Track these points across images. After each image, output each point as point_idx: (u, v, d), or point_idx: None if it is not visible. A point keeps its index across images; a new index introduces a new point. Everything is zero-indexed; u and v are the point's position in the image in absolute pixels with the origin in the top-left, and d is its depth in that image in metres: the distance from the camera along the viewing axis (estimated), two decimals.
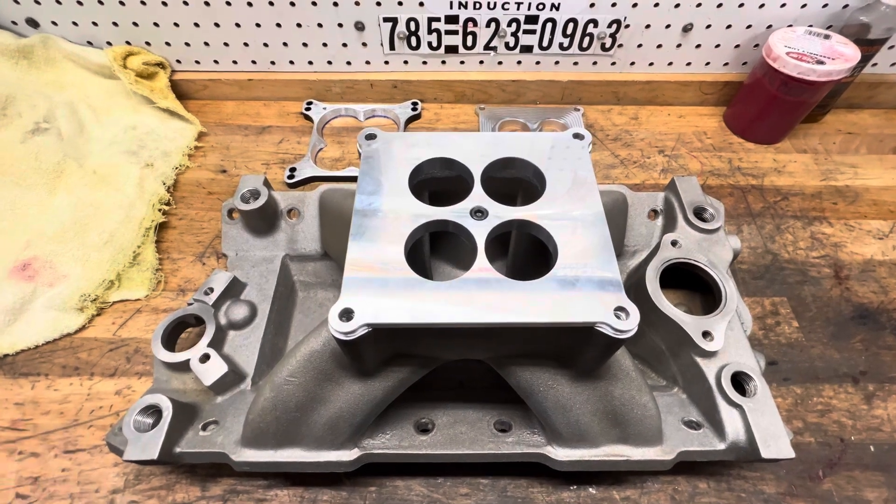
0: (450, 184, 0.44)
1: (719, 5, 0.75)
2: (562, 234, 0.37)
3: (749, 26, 0.78)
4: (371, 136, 0.43)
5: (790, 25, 0.76)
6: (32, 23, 0.77)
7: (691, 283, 0.56)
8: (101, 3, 0.75)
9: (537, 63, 0.84)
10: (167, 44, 0.81)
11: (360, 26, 0.78)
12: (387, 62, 0.83)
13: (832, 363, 0.59)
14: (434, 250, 0.57)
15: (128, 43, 0.80)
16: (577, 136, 0.43)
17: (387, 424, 0.46)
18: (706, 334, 0.47)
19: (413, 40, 0.80)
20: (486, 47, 0.81)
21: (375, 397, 0.41)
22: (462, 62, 0.84)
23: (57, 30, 0.78)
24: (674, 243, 0.53)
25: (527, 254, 0.48)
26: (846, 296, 0.65)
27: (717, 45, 0.81)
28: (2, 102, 0.72)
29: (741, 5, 0.75)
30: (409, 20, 0.77)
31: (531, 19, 0.76)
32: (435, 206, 0.39)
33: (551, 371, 0.40)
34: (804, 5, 0.74)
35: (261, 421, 0.42)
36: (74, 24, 0.78)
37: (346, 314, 0.32)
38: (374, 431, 0.45)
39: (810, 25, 0.76)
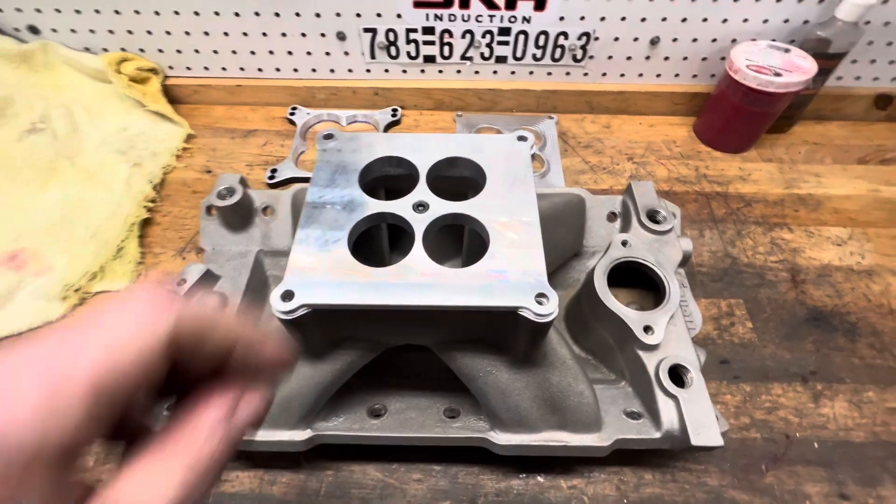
0: (402, 182, 0.47)
1: (684, 20, 0.78)
2: (495, 227, 0.40)
3: (714, 40, 0.81)
4: (329, 136, 0.47)
5: (754, 39, 0.79)
6: (33, 30, 0.82)
7: (646, 283, 0.59)
8: (98, 11, 0.79)
9: (512, 73, 0.87)
10: (160, 51, 0.85)
11: (341, 36, 0.82)
12: (368, 70, 0.87)
13: (783, 363, 0.61)
14: (397, 247, 0.60)
15: (123, 49, 0.85)
16: (520, 138, 0.46)
17: (341, 408, 0.48)
18: (647, 328, 0.49)
19: (392, 50, 0.83)
20: (463, 57, 0.85)
21: (325, 379, 0.43)
22: (440, 71, 0.87)
23: (56, 36, 0.83)
24: (624, 243, 0.56)
25: (476, 250, 0.51)
26: (801, 299, 0.67)
27: (685, 58, 0.84)
28: (1, 103, 0.77)
29: (705, 20, 0.78)
30: (388, 31, 0.80)
31: (504, 31, 0.80)
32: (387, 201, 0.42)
33: (490, 357, 0.43)
34: (766, 20, 0.78)
35: None
36: (73, 31, 0.82)
37: (288, 295, 0.35)
38: (328, 415, 0.48)
39: (773, 39, 0.79)
